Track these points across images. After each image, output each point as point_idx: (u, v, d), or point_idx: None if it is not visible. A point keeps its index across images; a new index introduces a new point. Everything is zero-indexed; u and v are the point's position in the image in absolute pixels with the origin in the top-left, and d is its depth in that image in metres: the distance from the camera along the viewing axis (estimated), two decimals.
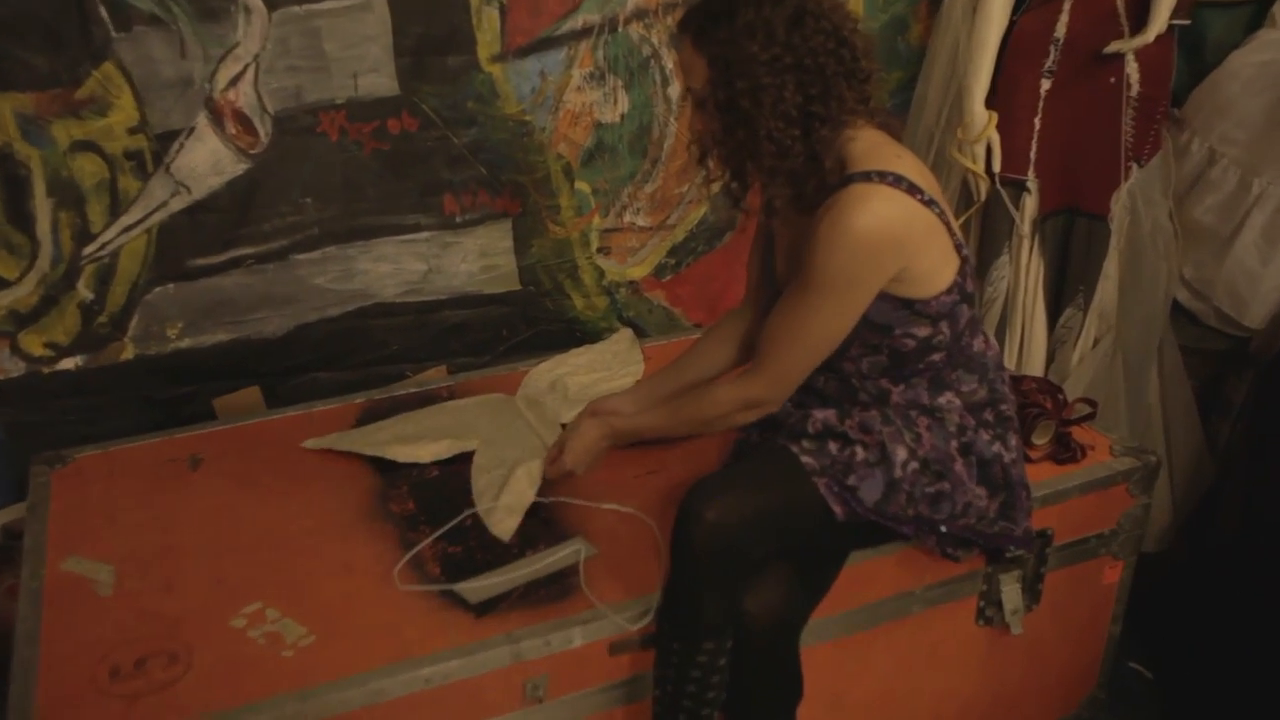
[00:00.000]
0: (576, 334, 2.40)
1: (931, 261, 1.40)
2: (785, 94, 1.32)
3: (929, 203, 1.37)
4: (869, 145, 1.38)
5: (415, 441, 1.82)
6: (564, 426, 1.84)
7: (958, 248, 1.43)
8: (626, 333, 2.34)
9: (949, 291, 1.42)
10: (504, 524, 1.60)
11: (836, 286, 1.37)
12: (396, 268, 2.22)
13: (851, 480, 1.43)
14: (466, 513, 1.62)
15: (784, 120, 1.33)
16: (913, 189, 1.35)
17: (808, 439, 1.48)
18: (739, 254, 2.45)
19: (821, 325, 1.41)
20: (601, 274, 2.42)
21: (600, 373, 2.13)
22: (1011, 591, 1.71)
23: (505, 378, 2.12)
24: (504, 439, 1.83)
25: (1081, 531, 1.77)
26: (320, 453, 1.84)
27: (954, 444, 1.47)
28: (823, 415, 1.49)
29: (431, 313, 2.29)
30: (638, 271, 2.46)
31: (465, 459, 1.78)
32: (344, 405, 2.03)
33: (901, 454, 1.44)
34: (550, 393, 2.03)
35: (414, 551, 1.55)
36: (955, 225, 1.44)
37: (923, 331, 1.43)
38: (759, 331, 1.69)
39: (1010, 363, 2.35)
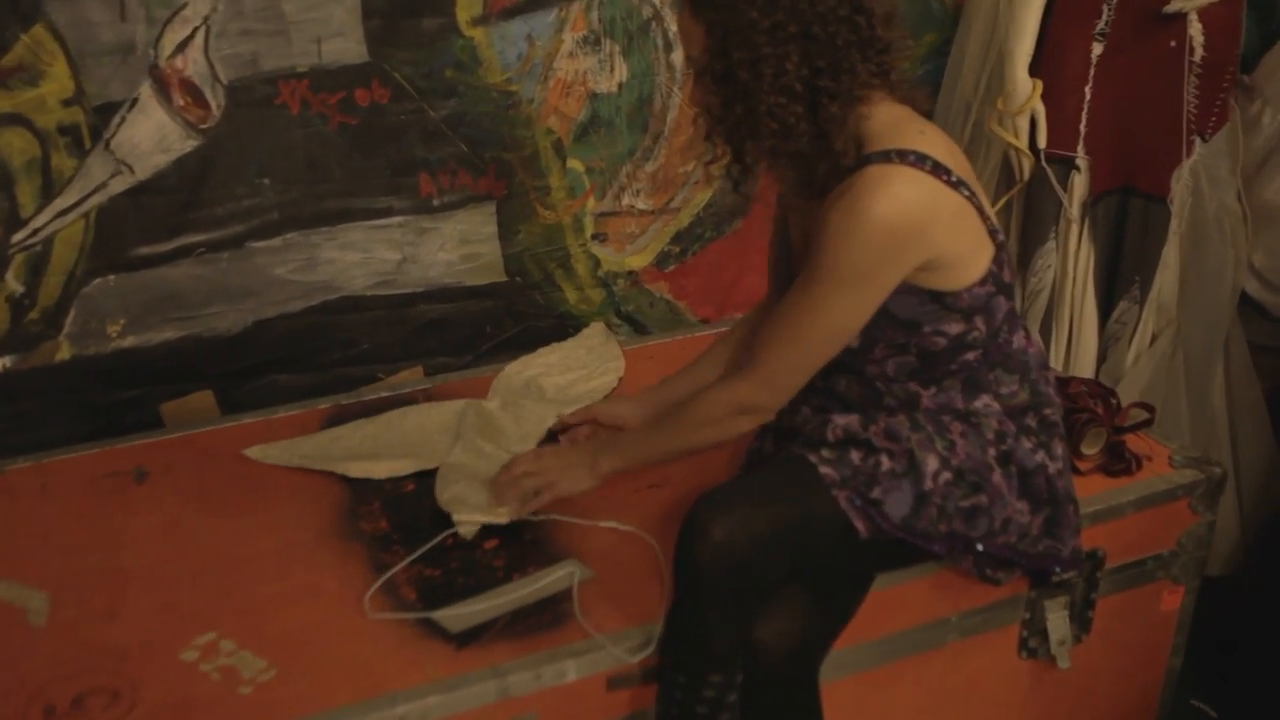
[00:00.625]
0: (568, 330, 2.41)
1: (961, 249, 1.41)
2: (788, 65, 1.33)
3: (957, 184, 1.38)
4: (889, 122, 1.39)
5: (372, 458, 1.84)
6: (550, 431, 1.87)
7: (992, 233, 1.45)
8: (599, 326, 2.35)
9: (983, 282, 1.43)
10: (466, 527, 1.63)
11: (846, 280, 1.38)
12: (366, 256, 2.23)
13: (876, 493, 1.43)
14: (446, 532, 1.63)
15: (786, 95, 1.34)
16: (938, 169, 1.36)
17: (827, 447, 1.48)
18: (751, 241, 2.46)
19: (825, 323, 1.42)
20: (597, 263, 2.43)
21: (577, 371, 2.14)
22: (1058, 620, 1.72)
23: (488, 380, 2.12)
24: (473, 460, 1.82)
25: (1137, 552, 1.78)
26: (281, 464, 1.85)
27: (992, 452, 1.48)
28: (844, 421, 1.50)
29: (406, 307, 2.30)
30: (637, 261, 2.47)
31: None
32: (307, 411, 2.04)
33: (932, 463, 1.45)
34: (525, 396, 2.04)
35: (387, 575, 1.56)
36: (989, 209, 1.45)
37: (955, 328, 1.45)
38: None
39: (1057, 362, 2.37)
